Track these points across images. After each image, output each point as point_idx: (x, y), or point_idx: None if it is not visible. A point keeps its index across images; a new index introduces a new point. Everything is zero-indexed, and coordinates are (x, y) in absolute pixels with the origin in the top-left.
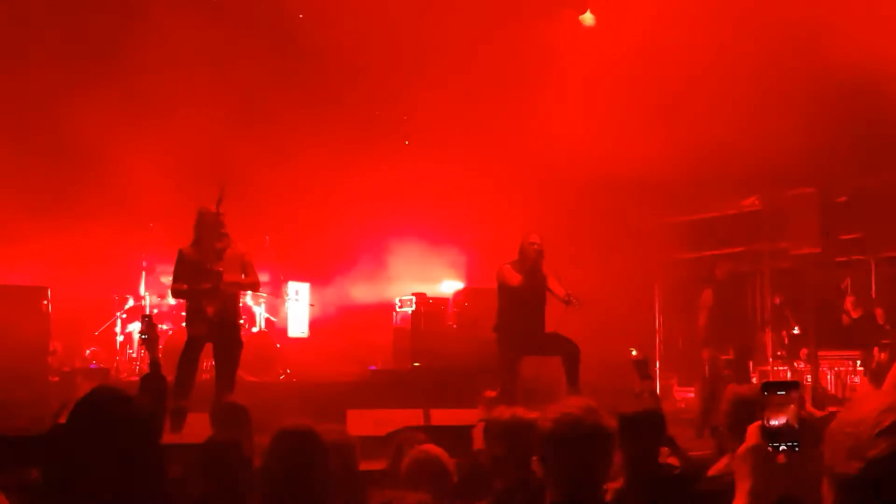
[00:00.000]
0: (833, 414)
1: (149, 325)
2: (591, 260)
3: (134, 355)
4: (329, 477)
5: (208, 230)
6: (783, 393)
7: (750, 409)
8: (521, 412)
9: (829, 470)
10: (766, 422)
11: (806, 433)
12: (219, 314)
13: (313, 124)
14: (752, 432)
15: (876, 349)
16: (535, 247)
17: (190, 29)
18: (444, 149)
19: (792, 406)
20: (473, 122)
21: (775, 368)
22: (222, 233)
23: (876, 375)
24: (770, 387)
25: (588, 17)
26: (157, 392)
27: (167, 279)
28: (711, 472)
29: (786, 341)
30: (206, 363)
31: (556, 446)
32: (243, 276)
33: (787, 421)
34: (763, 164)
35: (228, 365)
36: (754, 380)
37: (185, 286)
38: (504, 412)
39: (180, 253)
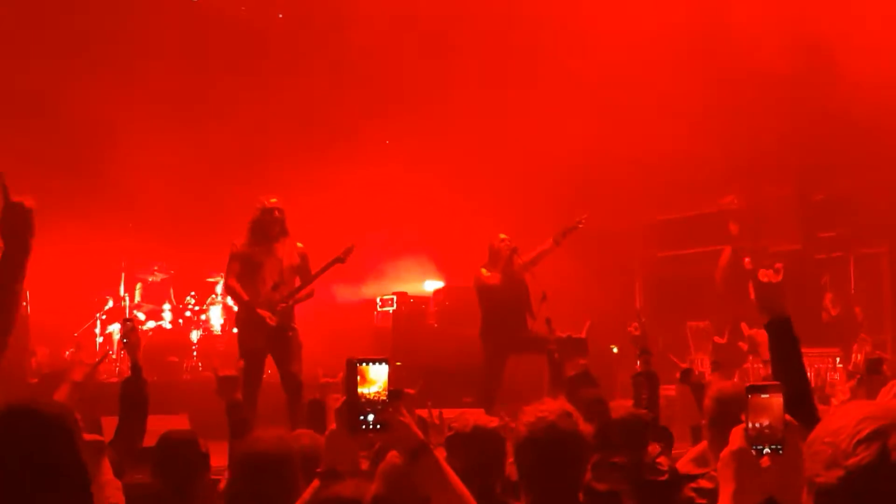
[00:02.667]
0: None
1: (130, 329)
2: (571, 258)
3: (114, 357)
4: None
5: (267, 226)
6: (766, 395)
7: (733, 406)
8: (483, 421)
9: (809, 479)
10: (749, 424)
11: (790, 435)
12: (276, 327)
13: (293, 124)
14: (736, 435)
15: (855, 347)
16: (507, 243)
17: (169, 32)
18: (423, 148)
19: (775, 408)
20: (452, 120)
21: (755, 366)
22: (282, 229)
23: (853, 375)
24: (753, 389)
25: None
26: (139, 397)
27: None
28: (687, 456)
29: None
30: (187, 363)
31: (530, 450)
32: (298, 277)
33: (770, 423)
34: (742, 162)
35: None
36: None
37: (242, 292)
38: (466, 424)
39: (233, 246)
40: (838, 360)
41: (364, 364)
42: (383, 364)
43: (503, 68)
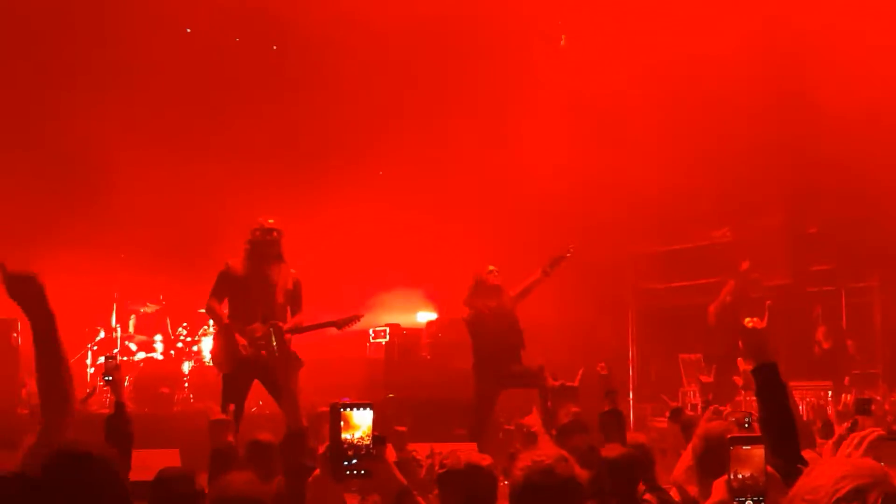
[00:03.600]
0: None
1: (113, 366)
2: (565, 290)
3: (103, 385)
4: None
5: (264, 247)
6: (748, 447)
7: (721, 445)
8: (476, 458)
9: None
10: (732, 475)
11: (772, 487)
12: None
13: (286, 155)
14: (719, 487)
15: (847, 381)
16: (495, 273)
17: (162, 63)
18: (417, 179)
19: (757, 460)
20: (446, 152)
21: (747, 398)
22: (276, 254)
23: (842, 416)
24: (736, 441)
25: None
26: (122, 433)
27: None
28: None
29: None
30: (178, 394)
31: (526, 495)
32: (289, 306)
33: (752, 474)
34: (734, 195)
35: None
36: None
37: (222, 314)
38: (459, 461)
39: (225, 266)
40: (830, 393)
41: (348, 409)
42: (367, 409)
43: (496, 100)
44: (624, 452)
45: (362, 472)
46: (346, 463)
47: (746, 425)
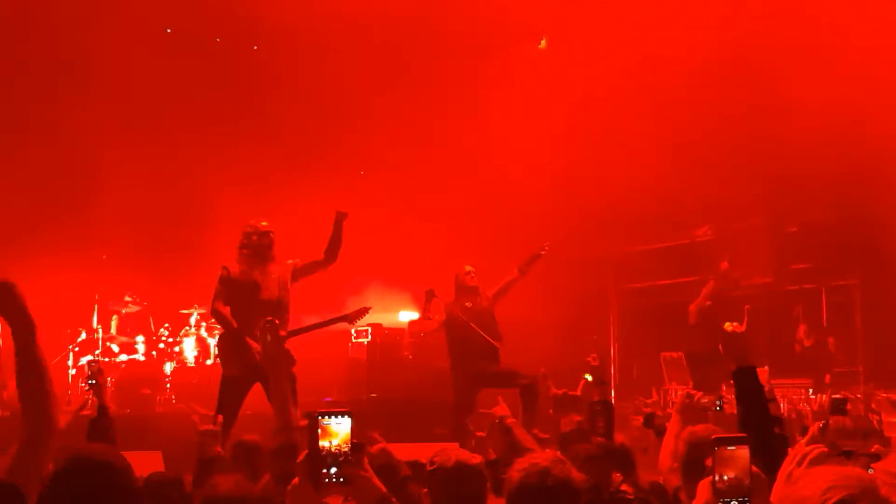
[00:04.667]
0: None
1: (96, 370)
2: (546, 290)
3: (87, 389)
4: None
5: (263, 249)
6: (733, 448)
7: (706, 449)
8: (466, 457)
9: None
10: (716, 477)
11: (757, 488)
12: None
13: (267, 154)
14: (703, 489)
15: (819, 394)
16: (472, 274)
17: (142, 63)
18: (398, 179)
19: (742, 461)
20: (426, 151)
21: (729, 397)
22: (272, 255)
23: (817, 416)
24: (720, 442)
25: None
26: (105, 437)
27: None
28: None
29: None
30: (160, 395)
31: (523, 497)
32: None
33: (737, 475)
34: (714, 194)
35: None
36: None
37: (230, 318)
38: (448, 458)
39: (225, 271)
40: (811, 390)
41: (326, 417)
42: (345, 416)
43: (476, 100)
44: (599, 444)
45: (341, 479)
46: (324, 471)
47: (718, 408)
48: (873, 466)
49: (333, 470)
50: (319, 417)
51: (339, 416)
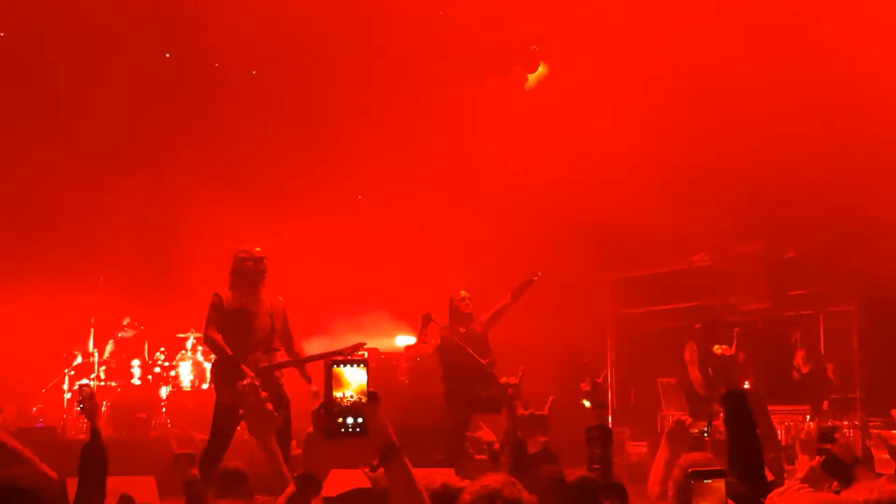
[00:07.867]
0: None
1: (88, 395)
2: (543, 315)
3: (80, 414)
4: None
5: (257, 276)
6: (709, 481)
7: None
8: (452, 481)
9: None
10: None
11: None
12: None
13: (263, 178)
14: None
15: (808, 422)
16: (466, 300)
17: (139, 86)
18: (395, 203)
19: (718, 493)
20: (424, 176)
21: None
22: (265, 282)
23: (805, 445)
24: (697, 475)
25: (533, 78)
26: (98, 461)
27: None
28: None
29: None
30: (156, 419)
31: None
32: (282, 337)
33: None
34: (711, 220)
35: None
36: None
37: (225, 346)
38: (434, 480)
39: (217, 298)
40: (808, 417)
41: (340, 366)
42: (361, 366)
43: (473, 125)
44: (583, 476)
45: (357, 429)
46: (340, 420)
47: (706, 435)
48: (840, 494)
49: (350, 420)
50: (334, 366)
51: (355, 366)
